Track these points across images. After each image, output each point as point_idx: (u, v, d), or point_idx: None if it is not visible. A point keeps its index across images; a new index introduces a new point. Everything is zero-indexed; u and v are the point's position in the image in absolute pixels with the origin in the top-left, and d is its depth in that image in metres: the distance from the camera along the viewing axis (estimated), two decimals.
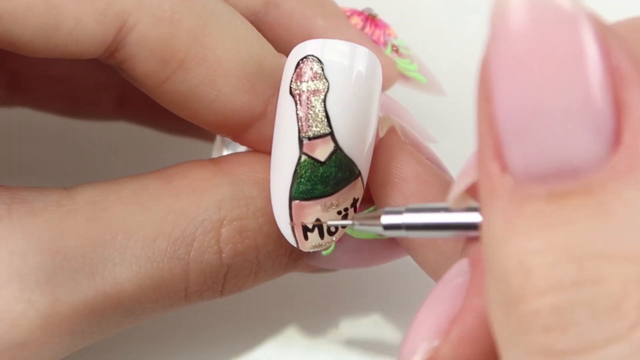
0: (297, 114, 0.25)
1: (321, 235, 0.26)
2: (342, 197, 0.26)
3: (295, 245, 0.26)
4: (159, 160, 0.29)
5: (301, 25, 0.30)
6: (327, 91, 0.25)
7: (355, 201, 0.26)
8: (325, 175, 0.26)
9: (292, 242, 0.26)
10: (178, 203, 0.26)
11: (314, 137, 0.25)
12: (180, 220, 0.26)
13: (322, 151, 0.25)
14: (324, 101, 0.25)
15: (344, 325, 0.34)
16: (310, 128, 0.25)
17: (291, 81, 0.26)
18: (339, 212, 0.26)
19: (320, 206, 0.26)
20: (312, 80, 0.25)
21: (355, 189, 0.26)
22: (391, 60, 0.31)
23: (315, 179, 0.26)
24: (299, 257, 0.28)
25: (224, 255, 0.26)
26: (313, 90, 0.25)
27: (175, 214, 0.26)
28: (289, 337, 0.34)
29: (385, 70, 0.28)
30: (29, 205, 0.25)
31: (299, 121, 0.25)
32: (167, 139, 0.36)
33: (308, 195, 0.26)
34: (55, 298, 0.24)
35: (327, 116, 0.25)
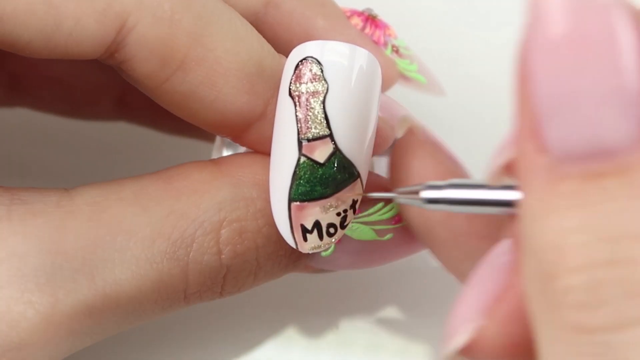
0: (296, 115, 0.25)
1: (320, 237, 0.26)
2: (341, 199, 0.26)
3: (294, 247, 0.26)
4: (159, 161, 0.29)
5: (301, 25, 0.30)
6: (327, 93, 0.25)
7: (355, 202, 0.26)
8: (324, 177, 0.26)
9: (292, 244, 0.26)
10: (178, 204, 0.26)
11: (313, 139, 0.25)
12: (180, 221, 0.26)
13: (321, 152, 0.25)
14: (323, 103, 0.25)
15: (344, 325, 0.34)
16: (309, 129, 0.25)
17: (290, 82, 0.26)
18: (338, 214, 0.26)
19: (320, 207, 0.26)
20: (312, 82, 0.25)
21: (354, 190, 0.26)
22: (391, 60, 0.31)
23: (315, 181, 0.26)
24: (298, 258, 0.28)
25: (223, 256, 0.26)
26: (312, 92, 0.25)
27: (175, 215, 0.26)
28: (288, 337, 0.34)
29: (385, 70, 0.28)
30: (28, 206, 0.25)
31: (298, 122, 0.25)
32: (167, 139, 0.36)
33: (307, 196, 0.26)
34: (55, 299, 0.24)
35: (326, 118, 0.25)
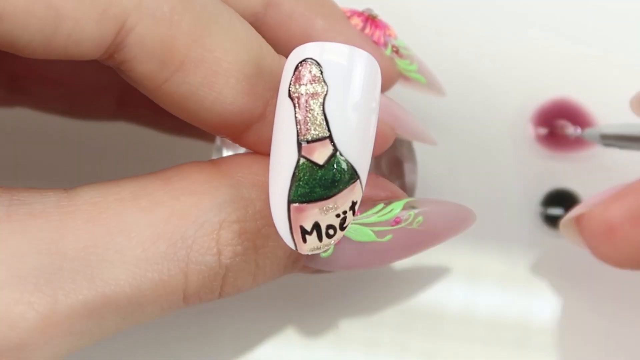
0: (295, 117, 0.25)
1: (319, 238, 0.26)
2: (340, 200, 0.26)
3: (293, 248, 0.26)
4: (159, 161, 0.29)
5: (301, 26, 0.30)
6: (326, 94, 0.25)
7: (354, 204, 0.26)
8: (324, 178, 0.26)
9: (291, 245, 0.26)
10: (178, 205, 0.26)
11: (313, 140, 0.25)
12: (180, 222, 0.26)
13: (320, 154, 0.25)
14: (323, 104, 0.25)
15: (343, 325, 0.34)
16: (308, 131, 0.25)
17: (290, 84, 0.26)
18: (337, 215, 0.26)
19: (319, 209, 0.26)
20: (311, 83, 0.25)
21: (354, 192, 0.26)
22: (391, 60, 0.31)
23: (314, 182, 0.26)
24: (297, 259, 0.28)
25: (222, 257, 0.26)
26: (312, 93, 0.25)
27: (175, 216, 0.26)
28: (288, 337, 0.34)
29: (385, 71, 0.28)
30: (28, 206, 0.25)
31: (298, 124, 0.25)
32: (167, 139, 0.36)
33: (307, 198, 0.26)
34: (54, 299, 0.24)
35: (325, 119, 0.25)
